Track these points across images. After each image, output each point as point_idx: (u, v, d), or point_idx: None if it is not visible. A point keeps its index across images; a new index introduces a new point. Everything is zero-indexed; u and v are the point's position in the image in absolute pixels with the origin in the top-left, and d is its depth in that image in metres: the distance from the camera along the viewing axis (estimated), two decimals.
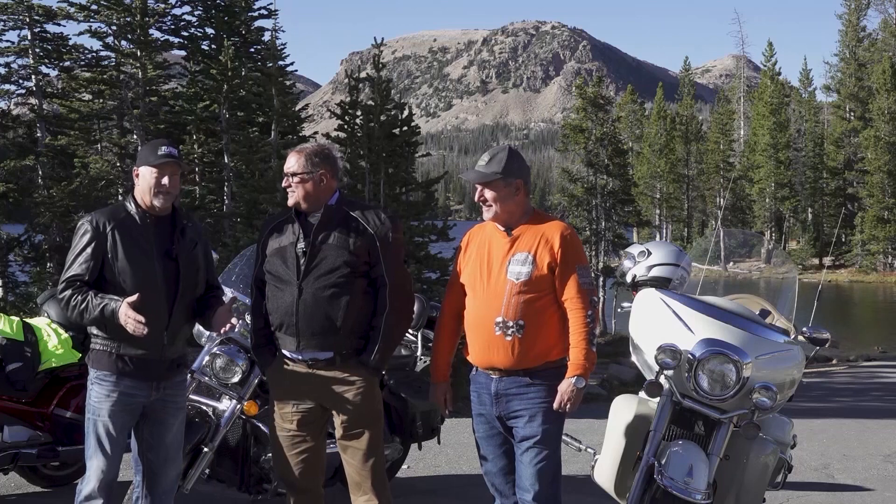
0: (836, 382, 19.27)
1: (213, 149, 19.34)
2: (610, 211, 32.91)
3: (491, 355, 3.99)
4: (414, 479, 6.66)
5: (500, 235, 4.05)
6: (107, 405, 3.88)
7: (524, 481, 3.96)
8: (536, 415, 3.93)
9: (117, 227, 3.89)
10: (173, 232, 3.98)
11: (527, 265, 3.93)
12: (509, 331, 3.92)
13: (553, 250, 3.93)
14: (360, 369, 4.01)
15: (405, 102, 17.28)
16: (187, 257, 4.00)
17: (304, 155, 4.05)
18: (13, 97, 20.03)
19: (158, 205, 3.95)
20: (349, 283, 3.95)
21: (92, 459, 3.90)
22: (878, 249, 54.38)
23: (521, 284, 3.92)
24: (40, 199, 17.27)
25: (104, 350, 3.91)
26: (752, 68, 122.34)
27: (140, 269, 3.87)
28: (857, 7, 62.32)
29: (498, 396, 4.00)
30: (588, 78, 40.55)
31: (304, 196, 4.03)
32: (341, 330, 3.95)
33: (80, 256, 3.87)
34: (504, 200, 4.00)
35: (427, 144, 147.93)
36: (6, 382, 5.23)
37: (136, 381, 3.91)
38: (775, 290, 5.25)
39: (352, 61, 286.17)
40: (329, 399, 4.03)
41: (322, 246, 3.98)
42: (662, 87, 67.56)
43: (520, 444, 3.98)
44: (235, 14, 20.91)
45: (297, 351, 4.00)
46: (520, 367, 3.95)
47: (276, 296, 4.03)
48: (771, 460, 4.50)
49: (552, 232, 3.97)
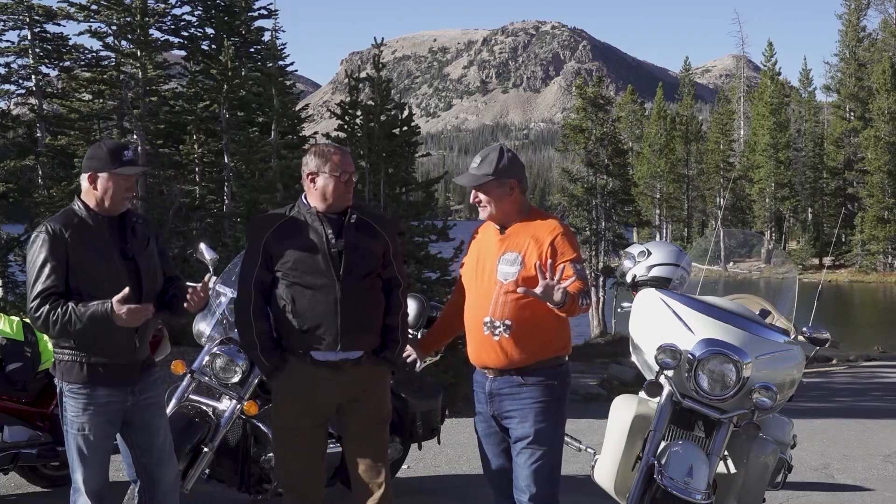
0: (836, 382, 19.28)
1: (213, 149, 19.33)
2: (610, 211, 32.93)
3: (482, 355, 4.00)
4: (414, 479, 6.66)
5: (494, 233, 4.05)
6: (85, 418, 3.77)
7: (520, 482, 3.95)
8: (529, 415, 3.91)
9: (74, 233, 3.74)
10: (124, 231, 3.86)
11: (515, 265, 3.91)
12: (496, 331, 3.92)
13: (542, 251, 3.87)
14: (381, 367, 4.03)
15: (405, 102, 17.24)
16: (143, 255, 3.88)
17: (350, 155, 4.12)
18: (13, 97, 20.05)
19: (116, 210, 3.83)
20: (376, 284, 4.02)
21: (77, 473, 3.84)
22: (878, 249, 54.40)
23: (510, 285, 3.90)
24: (40, 199, 17.27)
25: (73, 360, 3.76)
26: (752, 68, 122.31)
27: (104, 273, 3.75)
28: (857, 7, 62.34)
29: (491, 395, 4.01)
30: (588, 78, 40.55)
31: (351, 194, 4.05)
32: (374, 329, 4.01)
33: (45, 268, 3.68)
34: (499, 201, 3.99)
35: (427, 144, 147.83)
36: (6, 382, 5.23)
37: (111, 388, 3.80)
38: (775, 290, 5.25)
39: (352, 61, 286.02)
40: (349, 399, 4.00)
41: (357, 246, 3.97)
42: (662, 87, 67.56)
43: (515, 445, 3.97)
44: (235, 14, 20.90)
45: (333, 351, 3.93)
46: (511, 367, 3.93)
47: (307, 297, 3.91)
48: (771, 460, 4.50)
49: (543, 232, 3.92)
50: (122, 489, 4.21)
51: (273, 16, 21.80)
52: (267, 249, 3.98)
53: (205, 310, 5.30)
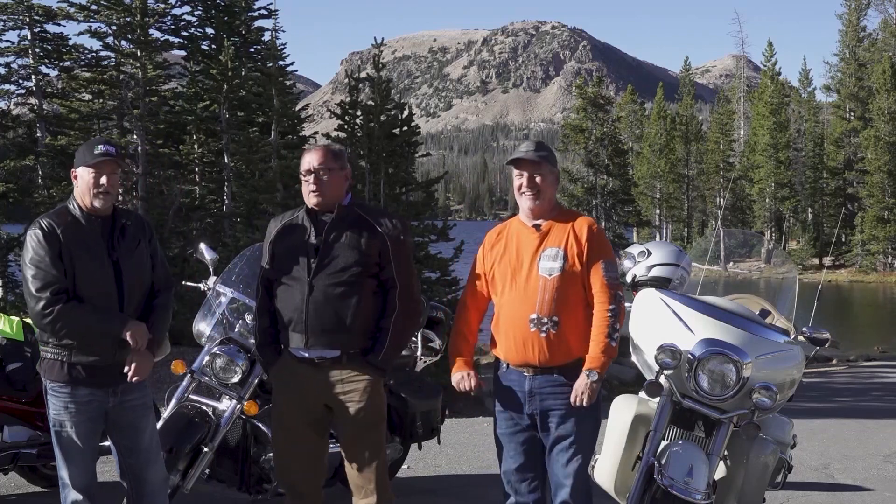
0: (836, 382, 19.26)
1: (213, 149, 19.32)
2: (610, 211, 32.96)
3: (526, 352, 3.98)
4: (414, 479, 6.66)
5: (529, 231, 4.05)
6: (67, 416, 3.80)
7: (559, 479, 3.97)
8: (572, 414, 3.94)
9: (66, 231, 3.78)
10: (113, 232, 3.89)
11: (558, 260, 3.95)
12: (544, 327, 3.93)
13: (581, 244, 3.95)
14: (365, 369, 3.99)
15: (405, 102, 17.24)
16: (129, 258, 3.89)
17: (325, 151, 4.04)
18: (13, 97, 20.03)
19: (98, 205, 3.85)
20: (359, 283, 3.93)
21: (62, 470, 3.85)
22: (878, 249, 54.35)
23: (555, 280, 3.93)
24: (40, 199, 17.25)
25: (55, 359, 3.80)
26: (752, 68, 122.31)
27: (93, 273, 3.78)
28: (857, 7, 62.27)
29: (532, 394, 4.00)
30: (588, 78, 40.59)
31: (326, 191, 3.98)
32: (349, 329, 3.93)
33: (45, 265, 3.72)
34: (549, 188, 4.02)
35: (427, 144, 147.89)
36: (6, 382, 5.23)
37: (91, 388, 3.82)
38: (775, 290, 5.24)
39: (352, 61, 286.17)
40: (334, 399, 4.00)
41: (334, 244, 3.96)
42: (662, 87, 67.50)
43: (555, 444, 3.99)
44: (235, 14, 20.89)
45: (305, 348, 3.97)
46: (554, 364, 3.96)
47: (285, 293, 3.99)
48: (771, 460, 4.50)
49: (580, 226, 4.00)
50: (116, 490, 4.19)
51: (273, 16, 21.81)
52: (272, 247, 4.10)
53: (205, 309, 5.31)
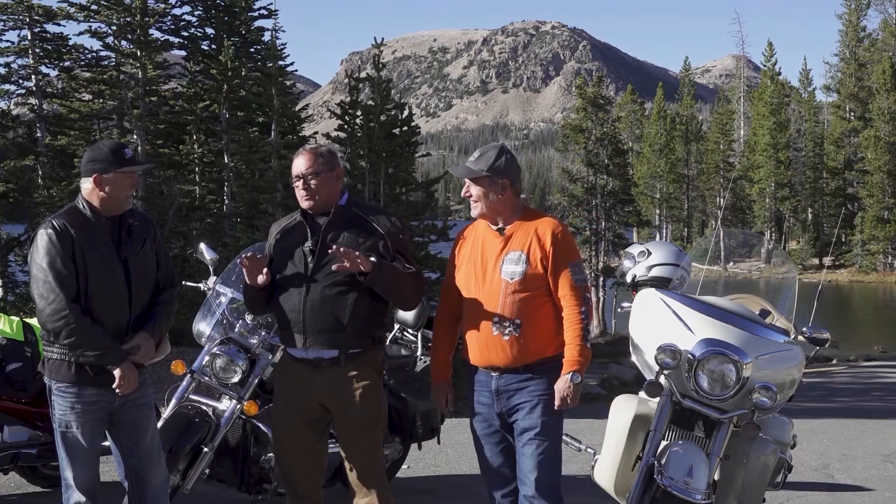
0: (836, 382, 19.27)
1: (213, 149, 19.33)
2: (610, 211, 32.92)
3: (490, 354, 4.01)
4: (414, 479, 6.67)
5: (493, 235, 4.07)
6: (73, 417, 3.79)
7: (525, 473, 3.98)
8: (536, 406, 3.96)
9: (79, 231, 3.76)
10: (120, 231, 3.88)
11: (520, 264, 3.96)
12: (506, 330, 3.95)
13: (545, 248, 3.96)
14: (363, 370, 4.00)
15: (405, 102, 17.25)
16: (136, 258, 3.89)
17: (315, 154, 4.03)
18: (13, 97, 20.04)
19: (126, 208, 3.88)
20: (356, 283, 3.91)
21: (66, 470, 3.84)
22: (878, 249, 54.38)
23: (516, 283, 3.95)
24: (40, 199, 17.27)
25: (61, 359, 3.77)
26: (752, 68, 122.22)
27: (104, 273, 3.77)
28: (857, 7, 62.31)
29: (499, 393, 4.03)
30: (588, 78, 40.53)
31: (317, 195, 3.98)
32: (347, 329, 3.94)
33: (57, 265, 3.69)
34: (489, 198, 4.03)
35: (427, 144, 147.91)
36: (6, 382, 5.23)
37: (97, 388, 3.81)
38: (775, 290, 5.24)
39: (352, 61, 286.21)
40: (333, 399, 4.01)
41: (331, 245, 3.95)
42: (662, 87, 67.51)
43: (520, 437, 4.00)
44: (235, 14, 20.92)
45: (304, 349, 3.98)
46: (518, 365, 3.98)
47: (284, 295, 4.00)
48: (771, 460, 4.50)
49: (544, 229, 4.00)
50: (117, 490, 4.19)
51: (273, 16, 21.84)
52: (272, 250, 4.12)
53: (205, 309, 5.31)
